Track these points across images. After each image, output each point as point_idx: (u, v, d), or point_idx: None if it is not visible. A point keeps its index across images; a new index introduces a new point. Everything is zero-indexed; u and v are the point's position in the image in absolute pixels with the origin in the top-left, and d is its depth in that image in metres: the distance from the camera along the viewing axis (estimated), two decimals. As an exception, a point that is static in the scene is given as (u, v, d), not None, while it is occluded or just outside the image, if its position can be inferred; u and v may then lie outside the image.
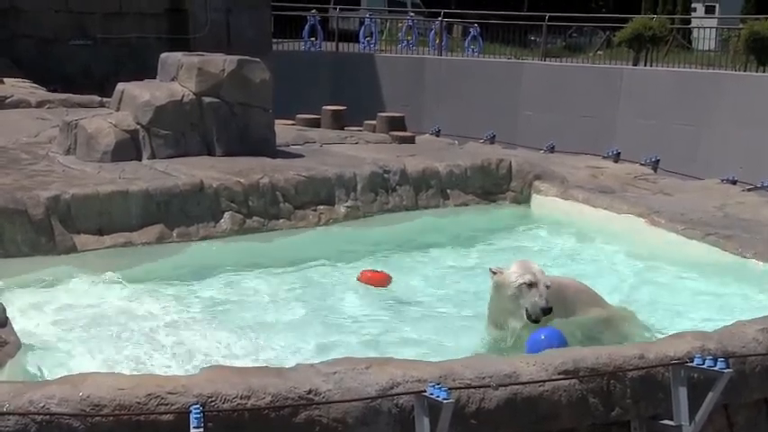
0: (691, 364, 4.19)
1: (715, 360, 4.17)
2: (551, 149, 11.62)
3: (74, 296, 6.15)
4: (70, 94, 11.96)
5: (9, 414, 3.39)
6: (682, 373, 4.19)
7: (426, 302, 6.61)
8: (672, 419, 4.21)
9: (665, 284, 7.09)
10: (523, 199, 8.93)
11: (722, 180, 9.53)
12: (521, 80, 22.20)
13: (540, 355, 4.34)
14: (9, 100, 11.08)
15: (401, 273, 7.18)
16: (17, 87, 12.35)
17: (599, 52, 26.66)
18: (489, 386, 3.95)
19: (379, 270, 7.04)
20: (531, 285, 5.30)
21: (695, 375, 4.21)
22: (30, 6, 16.14)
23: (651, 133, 19.31)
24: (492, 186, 8.90)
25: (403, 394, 3.80)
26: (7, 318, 4.80)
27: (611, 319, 5.72)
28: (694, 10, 38.35)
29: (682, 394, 4.16)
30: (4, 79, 12.63)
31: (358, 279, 6.90)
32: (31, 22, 16.03)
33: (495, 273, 5.51)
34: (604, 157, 10.82)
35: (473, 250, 8.00)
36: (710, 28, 26.73)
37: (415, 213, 8.30)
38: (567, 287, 5.72)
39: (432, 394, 3.69)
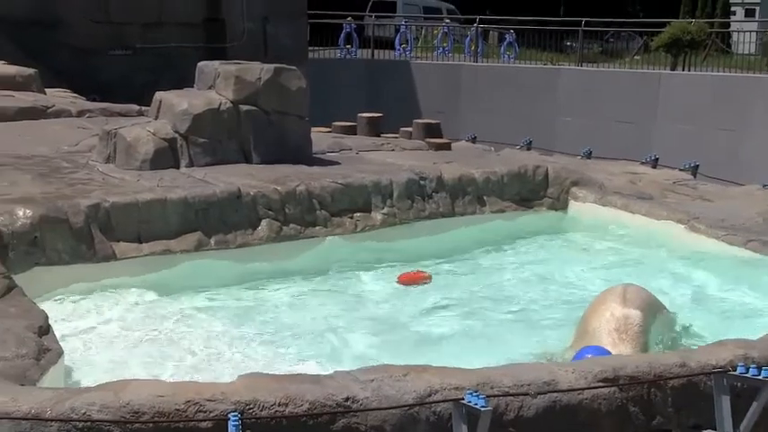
0: (733, 373, 4.13)
1: (759, 369, 4.10)
2: (588, 155, 11.54)
3: (113, 304, 6.21)
4: (110, 104, 12.09)
5: (51, 420, 3.43)
6: (724, 381, 4.12)
7: (466, 308, 6.60)
8: (714, 429, 4.15)
9: (705, 292, 7.01)
10: (561, 205, 8.87)
11: (764, 185, 9.40)
12: (557, 86, 22.09)
13: (578, 363, 4.31)
14: (51, 110, 11.21)
15: (439, 278, 7.19)
16: (58, 97, 12.51)
17: (636, 57, 26.44)
18: (528, 394, 3.93)
19: (418, 270, 7.09)
20: None
21: (738, 384, 4.14)
22: (70, 17, 16.37)
23: (690, 138, 19.12)
24: (529, 193, 8.86)
25: (441, 402, 3.78)
26: (49, 325, 4.85)
27: None
28: (734, 13, 37.98)
29: (724, 403, 4.10)
30: (46, 89, 12.80)
31: (398, 281, 6.98)
32: (72, 32, 16.25)
33: None
34: (642, 163, 10.72)
35: (511, 257, 7.98)
36: (750, 32, 26.43)
37: (451, 220, 8.28)
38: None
39: (470, 402, 3.67)
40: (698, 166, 10.49)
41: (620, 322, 5.39)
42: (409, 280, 7.07)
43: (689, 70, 22.75)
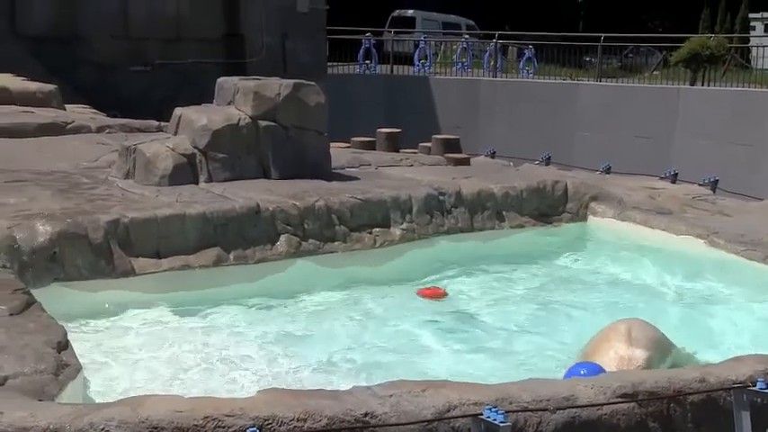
0: (753, 389, 4.09)
1: (779, 384, 4.07)
2: (607, 170, 11.54)
3: (132, 319, 6.22)
4: (129, 119, 12.17)
5: (69, 435, 3.43)
6: (744, 397, 4.09)
7: (484, 324, 6.58)
8: (735, 445, 4.11)
9: (725, 307, 6.96)
10: (580, 220, 8.84)
11: (784, 200, 9.36)
12: (576, 101, 22.08)
13: (597, 378, 4.28)
14: (70, 126, 11.29)
15: (458, 294, 7.18)
16: (78, 113, 12.60)
17: (655, 72, 26.41)
18: (547, 409, 3.91)
19: (436, 287, 7.15)
20: None
21: (758, 400, 4.11)
22: (90, 34, 16.50)
23: (709, 154, 19.04)
24: (548, 208, 8.84)
25: (459, 417, 3.77)
26: (68, 340, 4.87)
27: None
28: (753, 28, 37.83)
29: (744, 419, 4.07)
30: (66, 105, 12.90)
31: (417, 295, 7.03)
32: (92, 48, 16.38)
33: None
34: (662, 178, 10.71)
35: (530, 272, 7.95)
36: (770, 46, 26.30)
37: (470, 235, 8.27)
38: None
39: (488, 417, 3.66)
40: (717, 180, 10.47)
41: (624, 362, 5.15)
42: (426, 296, 7.09)
43: (708, 85, 22.69)
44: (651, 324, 5.62)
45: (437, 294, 7.16)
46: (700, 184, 10.31)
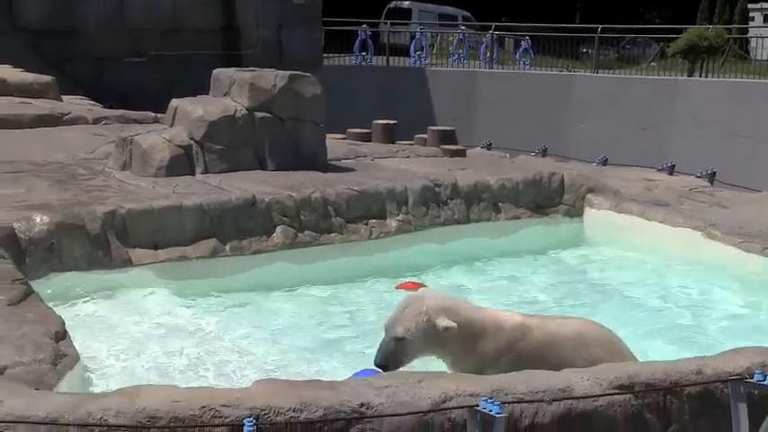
0: (751, 381, 4.10)
1: (776, 376, 4.08)
2: (604, 162, 11.53)
3: (129, 310, 6.23)
4: (126, 111, 12.16)
5: (68, 425, 3.44)
6: (741, 389, 4.09)
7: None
8: (731, 437, 4.12)
9: (723, 299, 6.98)
10: (576, 212, 8.84)
11: (781, 191, 9.36)
12: (572, 92, 22.06)
13: (593, 370, 4.28)
14: (67, 117, 11.29)
15: (449, 287, 7.17)
16: (75, 105, 12.59)
17: (653, 63, 26.39)
18: (543, 400, 3.92)
19: (416, 281, 7.05)
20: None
21: (756, 392, 4.11)
22: (87, 26, 16.49)
23: (707, 145, 19.03)
24: (544, 200, 8.84)
25: (455, 408, 3.78)
26: (66, 331, 4.88)
27: None
28: (752, 19, 37.79)
29: (742, 411, 4.07)
30: (63, 97, 12.88)
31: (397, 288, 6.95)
32: (89, 40, 16.37)
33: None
34: (659, 170, 10.69)
35: (524, 264, 7.96)
36: (768, 37, 26.29)
37: (466, 227, 8.27)
38: (585, 336, 4.80)
39: (484, 408, 3.66)
40: (715, 172, 10.45)
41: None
42: (408, 290, 6.94)
43: (706, 76, 22.66)
44: (603, 326, 5.05)
45: (416, 288, 7.02)
46: (697, 176, 10.29)
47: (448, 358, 4.64)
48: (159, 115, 10.58)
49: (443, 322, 4.48)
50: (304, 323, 6.30)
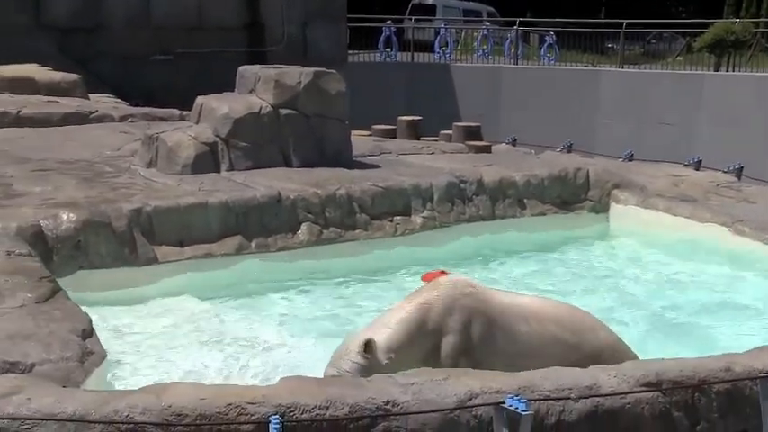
0: (780, 378, 4.07)
1: (806, 374, 4.04)
2: (630, 158, 11.44)
3: (155, 307, 6.26)
4: (152, 108, 12.23)
5: (95, 422, 3.46)
6: (771, 386, 4.06)
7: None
8: (760, 435, 4.09)
9: (751, 296, 6.91)
10: (602, 208, 8.79)
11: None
12: (598, 88, 21.91)
13: (620, 367, 4.26)
14: (93, 115, 11.37)
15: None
16: (101, 103, 12.68)
17: (679, 58, 26.15)
18: (569, 398, 3.89)
19: (444, 269, 7.04)
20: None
21: (784, 389, 4.08)
22: (113, 24, 16.59)
23: (734, 140, 18.83)
24: (570, 196, 8.79)
25: (481, 405, 3.77)
26: (93, 328, 4.91)
27: None
28: (779, 13, 37.35)
29: (771, 409, 4.04)
30: (90, 95, 12.96)
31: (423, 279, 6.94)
32: (114, 38, 16.46)
33: None
34: (685, 165, 10.59)
35: (550, 260, 7.93)
36: (796, 31, 26.00)
37: (491, 223, 8.25)
38: (538, 311, 4.73)
39: (510, 405, 3.65)
40: (742, 168, 10.34)
41: None
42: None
43: (733, 71, 22.44)
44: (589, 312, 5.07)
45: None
46: (724, 171, 10.18)
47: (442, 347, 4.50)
48: (185, 113, 10.62)
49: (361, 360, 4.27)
50: (330, 319, 6.30)
